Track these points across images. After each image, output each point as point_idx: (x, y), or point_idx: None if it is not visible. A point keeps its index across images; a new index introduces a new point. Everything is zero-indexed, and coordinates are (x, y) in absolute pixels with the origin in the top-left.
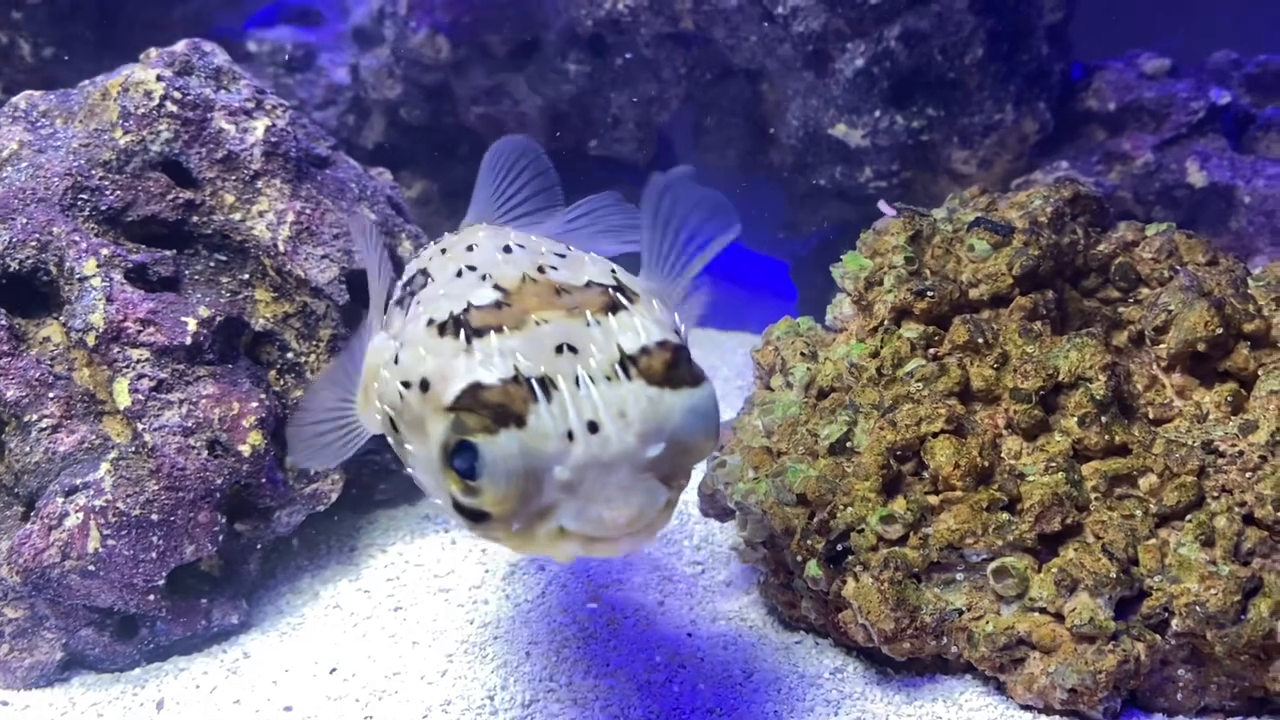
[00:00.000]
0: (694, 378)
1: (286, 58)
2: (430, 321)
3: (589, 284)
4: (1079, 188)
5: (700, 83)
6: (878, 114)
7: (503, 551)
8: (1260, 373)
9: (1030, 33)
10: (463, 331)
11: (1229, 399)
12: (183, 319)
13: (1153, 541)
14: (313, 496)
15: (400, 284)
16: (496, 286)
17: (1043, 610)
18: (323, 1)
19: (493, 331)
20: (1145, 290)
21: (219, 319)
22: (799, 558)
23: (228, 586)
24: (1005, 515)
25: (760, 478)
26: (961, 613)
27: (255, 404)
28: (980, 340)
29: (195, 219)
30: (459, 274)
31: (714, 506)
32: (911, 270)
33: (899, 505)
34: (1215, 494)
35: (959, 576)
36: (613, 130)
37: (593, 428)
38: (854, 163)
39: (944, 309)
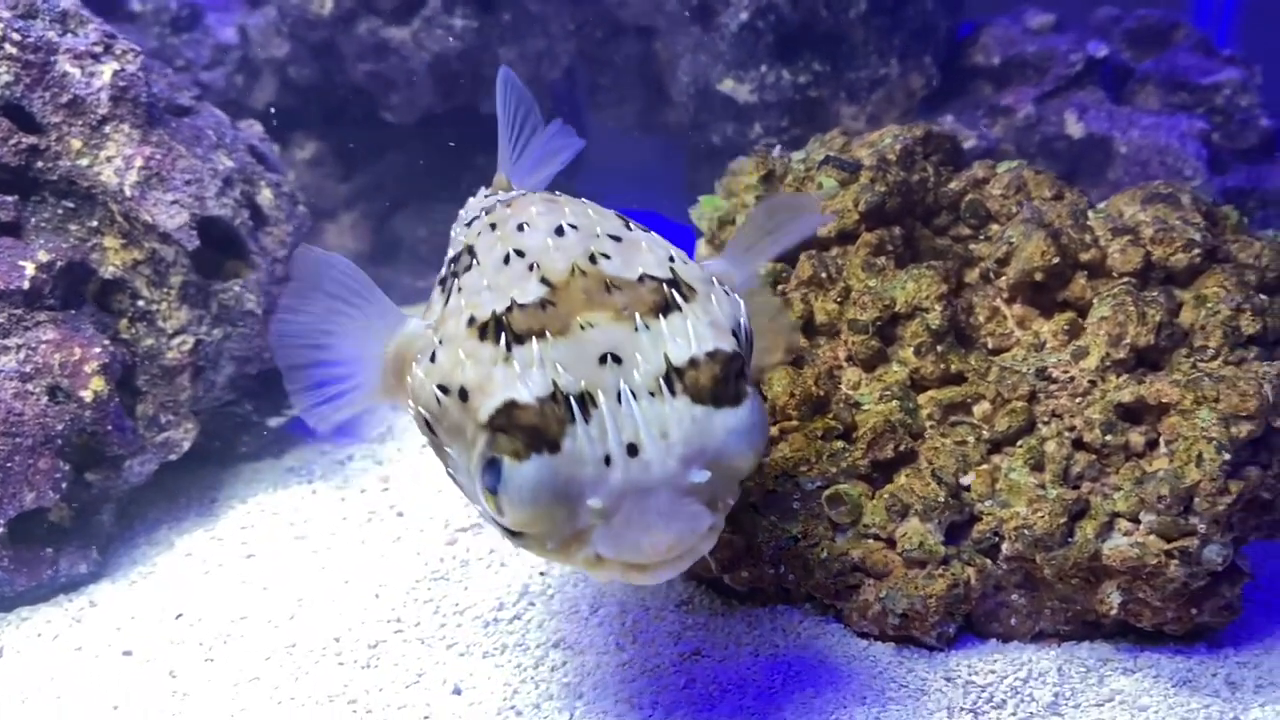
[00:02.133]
0: (738, 394)
1: (171, 17)
2: (471, 320)
3: (642, 277)
4: (930, 127)
5: (592, 39)
6: (764, 69)
7: (361, 498)
8: (1095, 301)
9: None
10: (503, 336)
11: (1066, 328)
12: (20, 263)
13: (985, 467)
14: (164, 445)
15: (447, 259)
16: (544, 280)
17: (875, 536)
18: None
19: (534, 338)
20: (995, 226)
21: (60, 264)
22: None
23: (77, 536)
24: (840, 444)
25: None
26: (797, 540)
27: (99, 350)
28: (824, 275)
29: (40, 164)
30: (506, 259)
31: None
32: None
33: None
34: (1046, 419)
35: (794, 505)
36: None
37: (632, 450)
38: (745, 119)
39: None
